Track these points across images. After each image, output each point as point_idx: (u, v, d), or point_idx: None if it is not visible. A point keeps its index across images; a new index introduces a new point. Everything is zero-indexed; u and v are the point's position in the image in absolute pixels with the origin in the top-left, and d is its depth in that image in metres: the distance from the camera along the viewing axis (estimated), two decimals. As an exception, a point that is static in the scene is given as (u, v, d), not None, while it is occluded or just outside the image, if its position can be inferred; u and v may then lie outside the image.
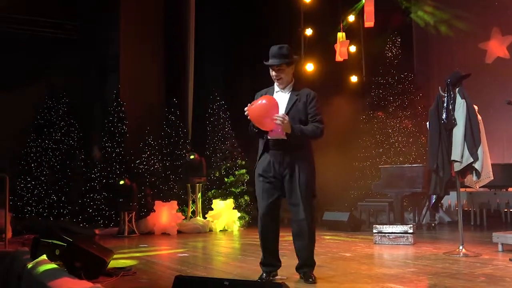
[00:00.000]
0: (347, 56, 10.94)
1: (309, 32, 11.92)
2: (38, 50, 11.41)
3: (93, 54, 12.13)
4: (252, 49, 12.57)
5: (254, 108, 3.98)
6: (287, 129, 3.99)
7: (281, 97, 4.22)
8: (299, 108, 4.16)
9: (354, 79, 11.90)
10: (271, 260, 4.28)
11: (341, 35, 10.96)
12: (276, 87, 4.29)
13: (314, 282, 4.12)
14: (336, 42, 10.99)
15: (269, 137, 4.15)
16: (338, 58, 10.90)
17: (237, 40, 12.67)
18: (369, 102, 11.22)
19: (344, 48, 10.86)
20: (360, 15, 11.09)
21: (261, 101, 4.01)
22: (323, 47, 11.63)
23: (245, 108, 4.01)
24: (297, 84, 4.33)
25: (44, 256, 4.63)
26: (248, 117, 4.02)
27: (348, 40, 10.99)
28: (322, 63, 11.66)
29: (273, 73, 4.22)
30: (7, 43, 11.23)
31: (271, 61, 4.17)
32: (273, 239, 4.26)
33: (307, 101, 4.18)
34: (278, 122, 3.93)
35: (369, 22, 9.85)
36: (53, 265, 4.32)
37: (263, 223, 4.19)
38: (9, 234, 7.31)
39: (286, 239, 7.67)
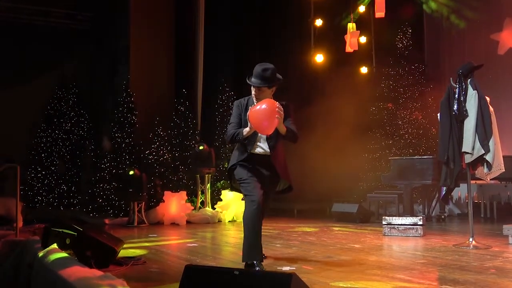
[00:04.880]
0: (357, 47, 10.87)
1: (319, 22, 11.85)
2: (49, 41, 11.46)
3: (104, 45, 12.17)
4: (262, 40, 12.54)
5: (256, 111, 4.09)
6: (281, 127, 4.18)
7: None
8: None
9: (364, 70, 11.83)
10: (261, 253, 4.21)
11: (351, 26, 10.88)
12: (254, 101, 4.36)
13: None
14: (346, 33, 10.92)
15: (252, 152, 4.34)
16: (348, 49, 10.83)
17: (247, 31, 12.63)
18: (379, 93, 11.15)
19: (354, 39, 10.78)
20: (371, 5, 11.00)
21: (260, 106, 4.09)
22: (333, 37, 11.57)
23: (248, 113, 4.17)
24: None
25: (55, 245, 4.66)
26: (248, 119, 4.16)
27: (359, 31, 10.90)
28: (332, 54, 11.61)
29: (253, 92, 4.34)
30: (19, 33, 11.29)
31: (253, 80, 4.29)
32: (260, 230, 4.24)
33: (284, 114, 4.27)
34: (278, 116, 4.06)
35: (380, 13, 9.77)
36: (63, 254, 4.34)
37: (260, 211, 4.14)
38: (20, 223, 7.37)
39: (295, 230, 7.72)
